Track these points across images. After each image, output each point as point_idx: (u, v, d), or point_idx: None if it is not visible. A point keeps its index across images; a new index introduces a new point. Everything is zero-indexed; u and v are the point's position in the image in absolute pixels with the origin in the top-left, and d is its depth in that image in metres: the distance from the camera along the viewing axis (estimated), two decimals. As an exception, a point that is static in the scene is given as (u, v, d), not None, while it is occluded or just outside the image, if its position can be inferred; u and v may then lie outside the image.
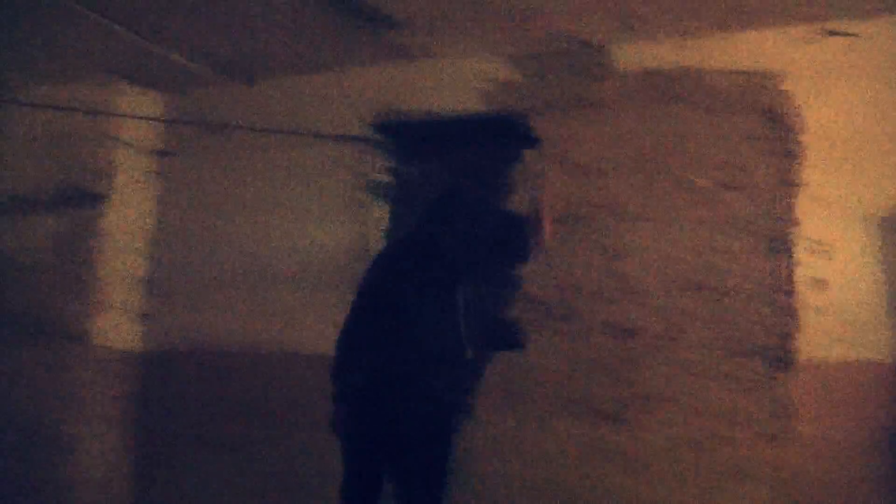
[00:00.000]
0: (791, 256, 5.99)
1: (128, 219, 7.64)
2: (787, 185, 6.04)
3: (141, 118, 7.66)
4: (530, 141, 6.46)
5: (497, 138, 6.63)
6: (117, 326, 7.50)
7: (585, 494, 6.16)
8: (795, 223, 6.00)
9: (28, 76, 7.80)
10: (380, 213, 6.96)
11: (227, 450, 7.14)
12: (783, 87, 6.11)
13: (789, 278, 5.97)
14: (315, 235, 7.02)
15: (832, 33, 6.05)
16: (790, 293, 5.96)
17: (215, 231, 7.48)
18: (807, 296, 5.94)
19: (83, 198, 7.58)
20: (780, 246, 6.00)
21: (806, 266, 5.97)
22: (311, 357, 6.87)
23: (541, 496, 6.23)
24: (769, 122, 6.08)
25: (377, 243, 6.88)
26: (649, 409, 6.11)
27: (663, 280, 6.14)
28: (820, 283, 5.94)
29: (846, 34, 6.03)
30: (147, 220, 7.75)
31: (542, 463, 6.27)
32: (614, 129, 6.30)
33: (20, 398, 7.54)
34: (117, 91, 7.62)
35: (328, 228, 6.98)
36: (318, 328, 6.87)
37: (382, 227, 6.94)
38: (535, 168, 6.45)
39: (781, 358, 5.93)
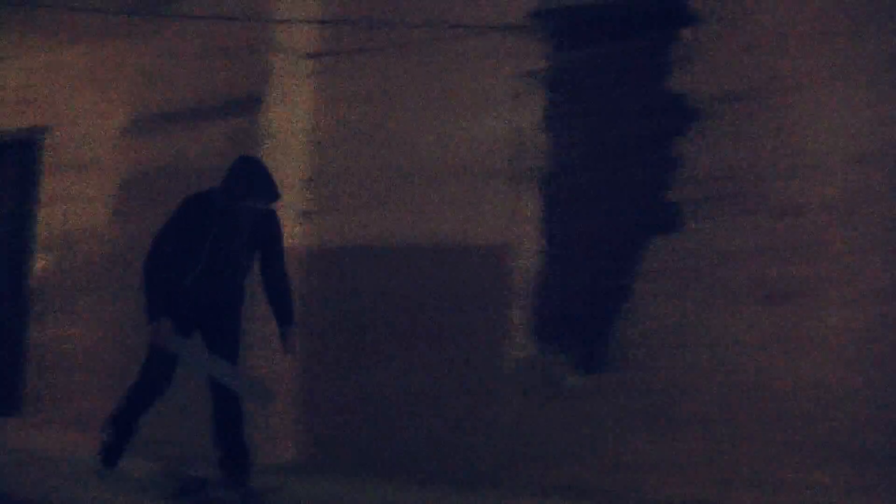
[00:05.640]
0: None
1: (287, 120, 7.80)
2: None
3: (297, 21, 7.78)
4: (689, 19, 6.36)
5: (656, 19, 6.55)
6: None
7: (756, 377, 6.13)
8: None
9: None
10: (540, 103, 6.95)
11: (395, 344, 7.32)
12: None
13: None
14: (476, 128, 7.04)
15: None
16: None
17: (376, 128, 7.57)
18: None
19: (245, 103, 7.77)
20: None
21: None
22: (480, 248, 6.97)
23: (715, 379, 6.22)
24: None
25: (537, 133, 6.90)
26: (819, 287, 6.02)
27: (833, 153, 6.02)
28: None
29: None
30: (306, 121, 7.90)
31: (711, 346, 6.25)
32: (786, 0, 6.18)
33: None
34: (272, -3, 7.78)
35: (489, 120, 7.00)
36: (484, 220, 6.95)
37: (542, 116, 6.93)
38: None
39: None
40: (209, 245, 6.18)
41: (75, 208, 9.07)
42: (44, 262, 9.50)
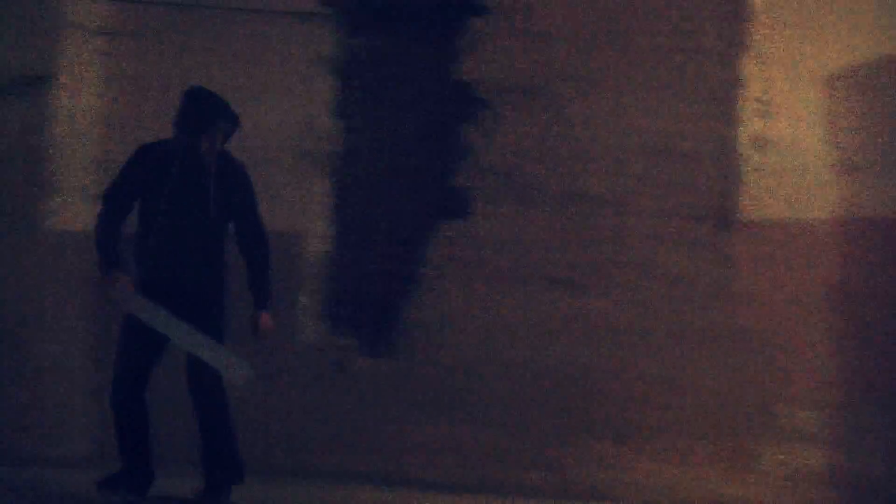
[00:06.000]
0: (737, 117, 6.11)
1: (78, 101, 7.59)
2: (735, 46, 6.14)
3: (89, -1, 7.61)
4: (478, 10, 6.50)
5: (446, 8, 6.66)
6: (71, 208, 7.50)
7: (542, 361, 6.33)
8: (742, 85, 6.12)
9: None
10: (331, 89, 6.97)
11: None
12: (733, -50, 6.19)
13: (735, 140, 6.11)
14: (267, 113, 7.00)
15: None
16: (735, 154, 6.10)
17: (168, 112, 7.42)
18: (752, 156, 6.09)
19: (33, 82, 7.53)
20: (726, 107, 6.13)
21: (751, 127, 6.10)
22: (271, 233, 6.90)
23: (497, 365, 6.38)
24: (719, -16, 6.18)
25: (327, 120, 6.93)
26: (602, 275, 6.27)
27: (614, 146, 6.26)
28: (765, 143, 6.08)
29: None
30: (98, 102, 7.71)
31: (497, 332, 6.41)
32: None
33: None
34: (64, -28, 7.55)
35: (280, 106, 6.99)
36: (275, 205, 6.91)
37: (333, 103, 6.96)
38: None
39: (727, 218, 6.08)
40: (166, 196, 5.29)
41: None
42: None
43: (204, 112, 5.43)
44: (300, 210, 6.85)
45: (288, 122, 6.92)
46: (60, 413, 7.39)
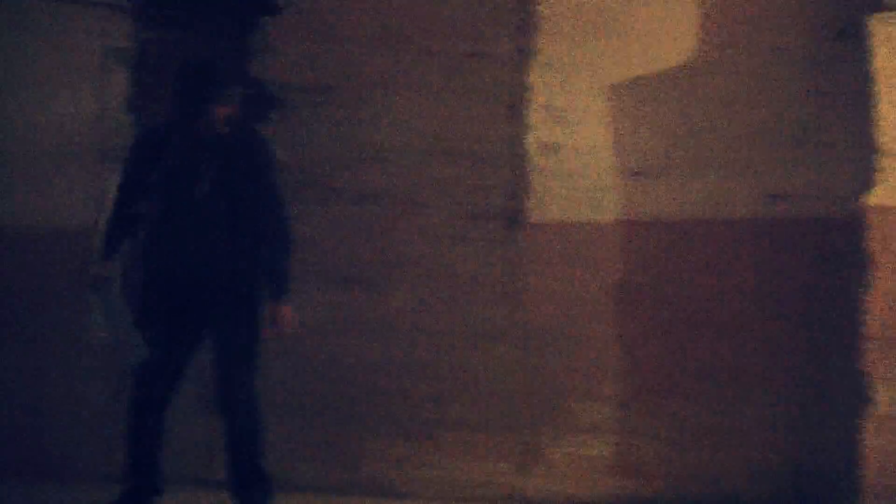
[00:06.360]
0: (526, 122, 6.25)
1: None
2: (524, 53, 6.27)
3: None
4: (271, 9, 6.49)
5: (240, 5, 6.64)
6: None
7: (337, 359, 6.41)
8: (529, 90, 6.26)
9: None
10: (126, 82, 6.87)
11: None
12: (522, -41, 6.31)
13: (523, 143, 6.25)
14: (60, 106, 6.91)
15: None
16: (524, 158, 6.25)
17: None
18: (540, 160, 6.24)
19: None
20: (515, 112, 6.26)
21: (540, 131, 6.25)
22: (64, 230, 6.82)
23: (293, 362, 6.41)
24: (510, -7, 6.30)
25: (123, 113, 6.83)
26: (395, 273, 6.38)
27: (406, 147, 6.34)
28: (553, 148, 6.24)
29: None
30: None
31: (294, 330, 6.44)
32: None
33: None
34: None
35: (74, 98, 6.88)
36: (69, 201, 6.82)
37: (129, 96, 6.87)
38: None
39: (516, 219, 6.24)
40: (161, 182, 4.80)
41: None
42: None
43: (205, 82, 4.91)
44: (92, 205, 6.75)
45: (80, 115, 6.82)
46: None
